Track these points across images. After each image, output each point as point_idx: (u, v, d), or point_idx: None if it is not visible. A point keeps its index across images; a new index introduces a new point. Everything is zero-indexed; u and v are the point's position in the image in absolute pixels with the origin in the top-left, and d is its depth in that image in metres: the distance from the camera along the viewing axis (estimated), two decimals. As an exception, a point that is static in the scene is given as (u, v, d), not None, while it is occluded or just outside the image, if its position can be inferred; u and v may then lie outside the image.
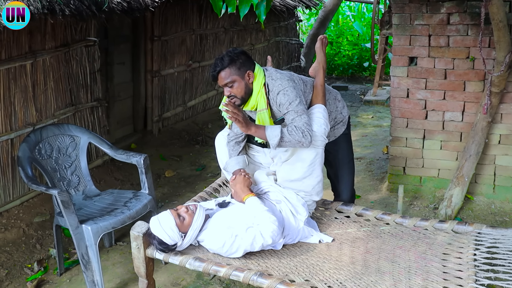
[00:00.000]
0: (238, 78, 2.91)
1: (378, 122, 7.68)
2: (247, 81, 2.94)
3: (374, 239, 3.09)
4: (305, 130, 2.84)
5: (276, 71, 3.03)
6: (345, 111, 3.44)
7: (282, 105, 2.93)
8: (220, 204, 2.96)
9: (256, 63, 3.03)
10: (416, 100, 4.53)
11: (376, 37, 9.63)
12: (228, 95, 2.96)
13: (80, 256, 3.25)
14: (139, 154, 3.74)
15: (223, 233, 2.72)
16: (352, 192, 3.60)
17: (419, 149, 4.63)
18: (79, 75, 4.89)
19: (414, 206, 4.55)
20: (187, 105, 7.13)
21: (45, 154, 3.65)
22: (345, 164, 3.46)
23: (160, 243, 2.71)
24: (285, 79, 2.97)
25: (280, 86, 2.94)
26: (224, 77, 2.90)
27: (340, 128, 3.39)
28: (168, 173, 5.69)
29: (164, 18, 6.29)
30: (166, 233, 2.68)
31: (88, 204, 3.65)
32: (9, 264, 3.79)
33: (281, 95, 2.93)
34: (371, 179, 5.24)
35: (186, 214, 2.74)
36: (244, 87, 2.93)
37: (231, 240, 2.71)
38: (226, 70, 2.89)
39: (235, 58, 2.92)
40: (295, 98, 2.91)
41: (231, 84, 2.91)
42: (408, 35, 4.41)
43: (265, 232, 2.71)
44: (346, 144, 3.46)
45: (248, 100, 2.99)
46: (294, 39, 10.69)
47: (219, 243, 2.72)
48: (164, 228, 2.68)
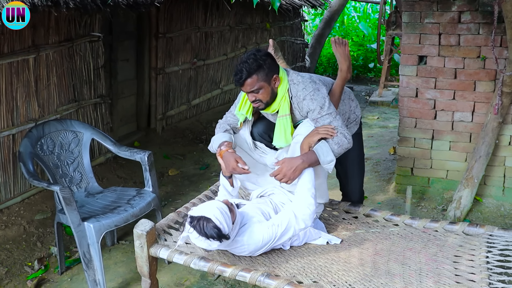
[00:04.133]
0: (265, 84, 2.79)
1: (384, 123, 7.60)
2: (273, 86, 2.83)
3: (383, 241, 3.01)
4: (346, 134, 2.81)
5: (297, 74, 2.93)
6: (358, 111, 3.36)
7: (312, 111, 2.84)
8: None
9: (278, 65, 2.93)
10: (425, 99, 4.44)
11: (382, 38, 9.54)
12: (252, 101, 2.85)
13: (82, 255, 3.18)
14: (143, 151, 3.67)
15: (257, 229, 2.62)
16: (361, 193, 3.52)
17: (428, 150, 4.55)
18: (82, 71, 4.82)
19: (421, 208, 4.47)
20: (191, 103, 7.05)
21: (47, 150, 3.59)
22: (355, 164, 3.38)
23: (216, 228, 2.45)
24: (307, 82, 2.88)
25: (304, 90, 2.84)
26: (251, 84, 2.77)
27: (353, 128, 3.30)
28: (171, 171, 5.62)
29: (169, 15, 6.22)
30: (224, 218, 2.47)
31: (91, 202, 3.58)
32: (9, 262, 3.72)
33: (308, 101, 2.83)
34: (377, 180, 5.16)
35: (232, 207, 2.60)
36: (270, 92, 2.83)
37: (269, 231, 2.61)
38: (253, 77, 2.76)
39: (261, 62, 2.76)
40: (323, 101, 2.83)
41: (258, 91, 2.80)
42: (418, 33, 4.33)
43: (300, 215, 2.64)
44: (358, 144, 3.37)
45: (271, 104, 2.90)
46: (299, 39, 10.61)
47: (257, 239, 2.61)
48: (222, 212, 2.47)
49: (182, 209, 3.22)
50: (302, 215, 2.66)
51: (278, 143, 2.93)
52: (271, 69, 2.80)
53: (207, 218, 2.45)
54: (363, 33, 12.39)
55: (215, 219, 2.45)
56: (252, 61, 2.75)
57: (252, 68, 2.74)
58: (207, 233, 2.45)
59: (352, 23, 13.31)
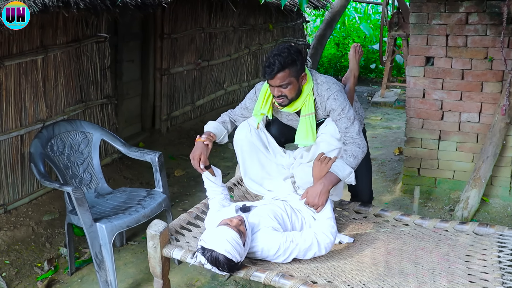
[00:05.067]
0: (294, 80, 2.79)
1: (387, 124, 7.61)
2: (301, 83, 2.85)
3: (394, 240, 3.02)
4: (361, 143, 2.84)
5: (320, 75, 2.96)
6: (362, 111, 3.45)
7: (334, 111, 2.86)
8: (243, 209, 2.80)
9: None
10: (432, 100, 4.46)
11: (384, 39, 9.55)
12: (277, 96, 2.84)
13: (94, 255, 3.18)
14: (153, 152, 3.67)
15: (275, 236, 2.59)
16: (370, 193, 3.54)
17: (435, 150, 4.56)
18: (89, 72, 4.82)
19: (428, 208, 4.48)
20: (195, 104, 7.05)
21: (57, 150, 3.59)
22: (362, 164, 3.39)
23: (229, 262, 2.40)
24: (331, 82, 2.92)
25: (329, 91, 2.87)
26: (281, 78, 2.75)
27: None
28: (177, 172, 5.62)
29: (174, 16, 6.22)
30: (236, 250, 2.41)
31: (101, 202, 3.59)
32: (19, 263, 3.72)
33: (331, 101, 2.85)
34: (383, 180, 5.17)
35: (241, 227, 2.51)
36: (296, 89, 2.84)
37: (286, 244, 2.58)
38: (286, 71, 2.75)
39: (295, 57, 2.77)
40: (345, 103, 2.86)
41: (286, 86, 2.79)
42: (425, 34, 4.34)
43: (322, 241, 2.63)
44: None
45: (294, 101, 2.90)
46: (301, 40, 10.60)
47: (274, 246, 2.57)
48: (233, 245, 2.40)
49: (193, 209, 3.22)
50: (325, 243, 2.66)
51: (303, 142, 2.94)
52: (302, 66, 2.82)
53: (220, 254, 2.40)
54: (364, 34, 12.41)
55: (227, 253, 2.40)
56: (287, 55, 2.74)
57: (286, 62, 2.72)
58: (220, 266, 2.43)
59: (353, 24, 13.33)
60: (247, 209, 2.82)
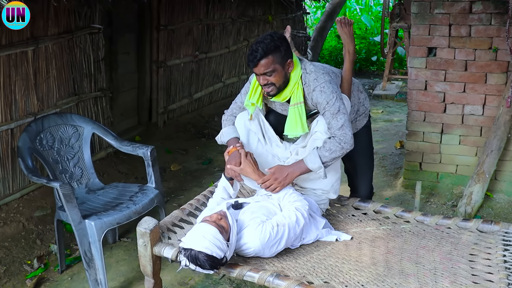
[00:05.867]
0: (279, 67, 2.68)
1: (389, 117, 7.48)
2: (287, 70, 2.73)
3: (395, 238, 2.91)
4: (342, 138, 2.72)
5: (310, 63, 2.83)
6: (367, 103, 3.26)
7: (319, 104, 2.75)
8: (235, 206, 2.70)
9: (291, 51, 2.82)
10: (435, 92, 4.33)
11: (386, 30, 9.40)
12: (264, 84, 2.73)
13: (83, 253, 3.07)
14: (145, 146, 3.55)
15: (264, 226, 2.49)
16: (371, 188, 3.42)
17: (437, 144, 4.44)
18: (82, 64, 4.70)
19: (430, 204, 4.36)
20: (193, 97, 6.93)
21: (47, 144, 3.47)
22: (364, 159, 3.28)
23: (209, 259, 2.31)
24: (320, 72, 2.77)
25: (315, 81, 2.74)
26: (265, 65, 2.65)
27: (362, 120, 3.20)
28: (173, 166, 5.51)
29: (171, 7, 6.08)
30: (215, 246, 2.31)
31: (92, 198, 3.47)
32: (8, 260, 3.61)
33: (317, 92, 2.73)
34: (384, 175, 5.05)
35: (222, 222, 2.42)
36: (283, 77, 2.72)
37: (274, 230, 2.48)
38: (269, 57, 2.64)
39: (278, 44, 2.65)
40: (332, 95, 2.72)
41: (271, 74, 2.68)
42: (428, 24, 4.21)
43: (302, 209, 2.60)
44: (367, 137, 3.27)
45: (283, 90, 2.79)
46: (301, 32, 10.47)
47: (264, 236, 2.46)
48: (211, 241, 2.31)
49: (186, 206, 3.12)
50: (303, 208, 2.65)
51: (292, 132, 2.82)
52: (286, 52, 2.70)
53: (198, 252, 2.31)
54: (365, 25, 12.26)
55: (205, 249, 2.30)
56: (269, 41, 2.64)
57: (269, 48, 2.62)
58: (202, 265, 2.33)
59: (354, 15, 13.16)
60: (239, 206, 2.73)
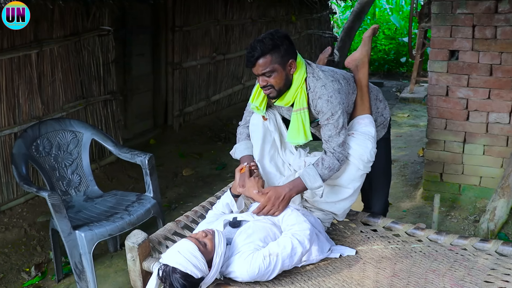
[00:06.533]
0: (279, 67, 2.47)
1: (414, 122, 7.17)
2: (288, 72, 2.52)
3: (403, 259, 2.67)
4: (341, 155, 2.56)
5: (319, 68, 2.61)
6: (387, 112, 2.99)
7: (323, 113, 2.54)
8: (232, 224, 2.49)
9: (297, 51, 2.61)
10: (457, 99, 4.05)
11: (415, 30, 9.06)
12: (263, 86, 2.53)
13: (73, 265, 2.95)
14: (144, 154, 3.42)
15: (254, 257, 2.26)
16: (386, 205, 3.18)
17: (459, 154, 4.15)
18: (91, 66, 4.61)
19: (451, 218, 4.08)
20: (210, 99, 6.79)
21: (43, 151, 3.37)
22: (381, 173, 3.03)
23: (184, 277, 2.07)
24: (329, 79, 2.55)
25: (323, 89, 2.52)
26: (263, 64, 2.45)
27: (380, 132, 2.94)
28: (185, 171, 5.37)
29: (186, 7, 5.95)
30: (190, 263, 2.08)
31: (89, 207, 3.35)
32: (6, 267, 3.54)
33: (323, 102, 2.52)
34: (404, 185, 4.78)
35: (206, 239, 2.21)
36: (284, 78, 2.51)
37: (266, 261, 2.25)
38: (267, 56, 2.45)
39: (278, 43, 2.46)
40: (338, 107, 2.51)
41: (270, 74, 2.48)
42: (449, 25, 3.93)
43: (301, 235, 2.33)
44: (385, 150, 3.01)
45: (284, 93, 2.58)
46: (327, 33, 10.23)
47: (252, 269, 2.24)
48: (186, 257, 2.09)
49: (182, 218, 2.95)
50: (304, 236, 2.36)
51: (294, 140, 2.62)
52: (288, 52, 2.49)
53: (172, 268, 2.09)
54: (395, 26, 11.90)
55: (179, 265, 2.08)
56: (268, 40, 2.44)
57: (267, 47, 2.44)
58: (174, 283, 2.08)
59: (384, 15, 12.81)
60: (237, 224, 2.50)
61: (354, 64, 2.93)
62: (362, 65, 2.89)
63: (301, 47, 8.89)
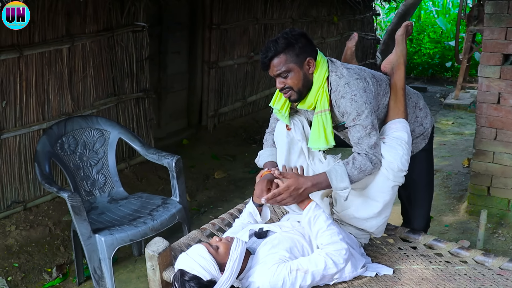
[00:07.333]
0: (295, 66, 2.29)
1: (459, 130, 6.80)
2: (307, 71, 2.32)
3: (445, 283, 2.42)
4: (374, 157, 2.32)
5: (343, 65, 2.39)
6: (428, 122, 2.71)
7: (348, 114, 2.33)
8: (258, 235, 2.32)
9: (319, 50, 2.41)
10: (509, 107, 3.73)
11: (462, 34, 8.65)
12: (281, 88, 2.36)
13: (92, 270, 2.83)
14: (171, 155, 3.27)
15: (278, 268, 2.09)
16: (427, 221, 2.91)
17: (509, 167, 3.83)
18: (124, 63, 4.50)
19: (498, 236, 3.77)
20: (247, 100, 6.62)
21: (68, 149, 3.27)
22: (421, 187, 2.78)
23: (192, 279, 2.01)
24: (354, 77, 2.33)
25: (347, 87, 2.31)
26: (277, 64, 2.29)
27: (420, 143, 2.68)
28: (217, 174, 5.22)
29: (225, 5, 5.80)
30: (197, 263, 2.02)
31: (112, 209, 3.23)
32: (28, 266, 3.46)
33: (347, 101, 2.30)
34: (447, 197, 4.47)
35: (219, 243, 2.13)
36: (302, 78, 2.32)
37: (292, 275, 2.08)
38: (281, 56, 2.28)
39: (292, 41, 2.28)
40: (364, 107, 2.29)
41: (286, 74, 2.31)
42: (504, 27, 3.62)
43: (336, 255, 2.13)
44: (426, 162, 2.75)
45: (306, 95, 2.38)
46: (370, 34, 9.90)
47: (276, 280, 2.07)
48: (194, 258, 2.04)
49: (208, 225, 2.79)
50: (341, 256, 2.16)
51: (315, 145, 2.40)
52: (304, 50, 2.29)
53: (180, 270, 2.04)
54: (441, 29, 11.45)
55: (187, 267, 2.01)
56: (282, 39, 2.27)
57: (280, 45, 2.26)
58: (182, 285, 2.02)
59: (429, 18, 12.36)
60: (263, 235, 2.32)
61: (390, 67, 2.69)
62: (397, 67, 2.65)
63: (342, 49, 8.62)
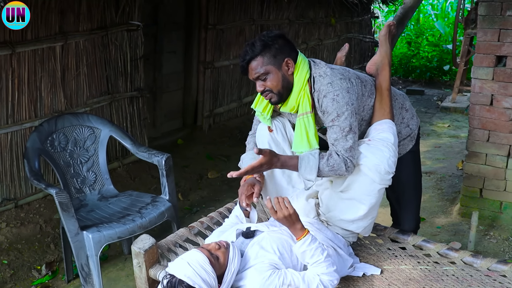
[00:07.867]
0: (273, 68, 2.27)
1: (455, 132, 6.80)
2: (285, 72, 2.31)
3: (433, 283, 2.41)
4: (348, 161, 2.28)
5: (326, 66, 2.37)
6: (414, 123, 2.70)
7: (328, 114, 2.30)
8: (245, 234, 2.29)
9: (299, 51, 2.40)
10: (502, 109, 3.74)
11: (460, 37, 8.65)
12: (261, 91, 2.34)
13: (79, 267, 2.82)
14: (161, 153, 3.26)
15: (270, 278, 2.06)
16: (417, 222, 2.90)
17: (502, 169, 3.83)
18: (118, 62, 4.50)
19: (490, 238, 3.76)
20: (242, 101, 6.62)
21: (59, 146, 3.26)
22: (409, 189, 2.77)
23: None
24: (337, 77, 2.31)
25: (330, 86, 2.28)
26: (255, 67, 2.27)
27: (406, 145, 2.68)
28: (211, 174, 5.21)
29: (221, 5, 5.80)
30: (199, 277, 1.93)
31: (102, 206, 3.22)
32: (17, 264, 3.45)
33: (328, 100, 2.28)
34: (440, 199, 4.47)
35: (219, 252, 2.06)
36: (281, 80, 2.30)
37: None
38: (258, 59, 2.26)
39: (269, 42, 2.27)
40: (345, 108, 2.26)
41: (264, 77, 2.28)
42: (497, 28, 3.63)
43: (329, 284, 2.11)
44: (413, 164, 2.74)
45: (287, 97, 2.37)
46: (368, 37, 9.90)
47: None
48: (196, 270, 1.94)
49: (196, 224, 2.79)
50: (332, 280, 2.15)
51: (299, 148, 2.38)
52: (281, 50, 2.29)
53: (179, 280, 1.94)
54: (439, 32, 11.46)
55: (186, 278, 1.92)
56: (258, 42, 2.27)
57: (256, 48, 2.26)
58: None
59: (428, 21, 12.37)
60: (250, 235, 2.29)
61: (374, 68, 2.67)
62: (382, 68, 2.63)
63: (340, 51, 8.61)
